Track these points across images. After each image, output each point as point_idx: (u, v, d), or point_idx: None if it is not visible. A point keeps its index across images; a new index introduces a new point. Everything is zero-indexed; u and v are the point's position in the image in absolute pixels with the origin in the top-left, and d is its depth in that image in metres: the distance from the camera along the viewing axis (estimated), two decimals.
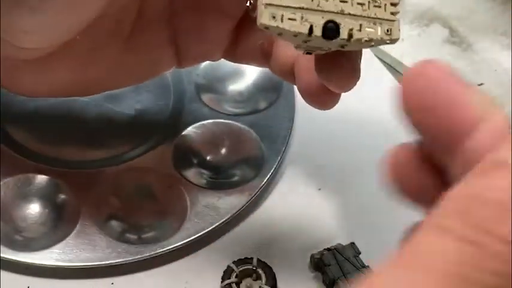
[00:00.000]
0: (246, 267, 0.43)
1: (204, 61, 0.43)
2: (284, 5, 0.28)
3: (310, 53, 0.31)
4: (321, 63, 0.33)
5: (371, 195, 0.50)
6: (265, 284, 0.43)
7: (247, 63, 0.43)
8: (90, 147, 0.50)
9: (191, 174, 0.48)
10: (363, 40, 0.29)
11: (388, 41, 0.30)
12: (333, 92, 0.36)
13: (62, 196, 0.46)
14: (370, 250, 0.45)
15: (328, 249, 0.45)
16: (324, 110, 0.38)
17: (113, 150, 0.50)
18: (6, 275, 0.43)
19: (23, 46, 0.34)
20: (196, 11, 0.38)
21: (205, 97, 0.52)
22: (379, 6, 0.30)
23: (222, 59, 0.43)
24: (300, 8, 0.28)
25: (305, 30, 0.28)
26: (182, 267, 0.45)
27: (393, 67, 0.61)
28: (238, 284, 0.43)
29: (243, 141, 0.50)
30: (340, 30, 0.29)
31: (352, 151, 0.52)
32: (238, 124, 0.51)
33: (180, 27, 0.39)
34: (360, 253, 0.45)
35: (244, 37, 0.40)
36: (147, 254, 0.44)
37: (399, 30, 0.30)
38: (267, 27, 0.28)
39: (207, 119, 0.51)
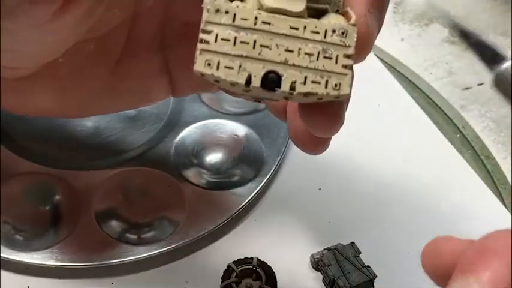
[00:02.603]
0: (246, 267, 0.43)
1: (201, 92, 0.41)
2: (222, 51, 0.26)
3: (259, 101, 0.29)
4: (303, 108, 0.31)
5: (371, 195, 0.50)
6: (265, 284, 0.43)
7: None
8: (90, 147, 0.50)
9: (191, 174, 0.48)
10: (307, 94, 0.27)
11: (335, 97, 0.27)
12: (321, 138, 0.34)
13: (62, 196, 0.46)
14: (370, 250, 0.45)
15: (328, 249, 0.45)
16: (314, 154, 0.36)
17: (112, 150, 0.50)
18: (6, 275, 0.43)
19: (2, 64, 0.34)
20: (188, 41, 0.37)
21: (206, 97, 0.52)
22: (330, 58, 0.27)
23: None
24: (239, 55, 0.26)
25: (242, 80, 0.26)
26: (182, 267, 0.45)
27: (393, 67, 0.61)
28: (238, 284, 0.43)
29: (243, 141, 0.50)
30: (282, 82, 0.26)
31: (352, 151, 0.52)
32: (238, 124, 0.51)
33: (173, 57, 0.38)
34: (360, 253, 0.45)
35: None
36: (147, 254, 0.44)
37: (350, 85, 0.27)
38: (202, 74, 0.26)
39: (207, 119, 0.51)
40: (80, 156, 0.49)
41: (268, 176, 0.48)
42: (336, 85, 0.27)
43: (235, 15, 0.26)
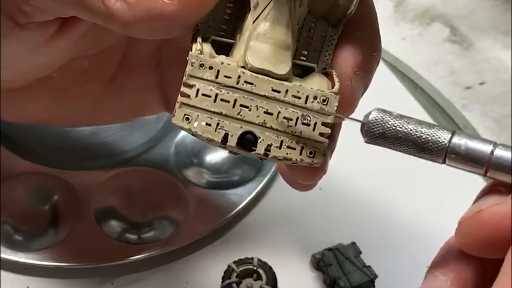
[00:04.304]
0: (246, 267, 0.43)
1: None
2: (202, 107, 0.26)
3: (236, 154, 0.29)
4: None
5: (372, 195, 0.50)
6: (266, 284, 0.43)
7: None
8: (90, 147, 0.50)
9: (191, 174, 0.48)
10: (281, 158, 0.27)
11: (309, 164, 0.27)
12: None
13: (62, 196, 0.46)
14: (371, 250, 0.45)
15: (329, 249, 0.45)
16: (303, 191, 0.36)
17: (112, 150, 0.50)
18: (6, 275, 0.43)
19: None
20: (183, 62, 0.37)
21: None
22: (308, 125, 0.27)
23: None
24: (218, 113, 0.26)
25: (218, 138, 0.26)
26: (182, 267, 0.45)
27: (394, 66, 0.61)
28: (238, 284, 0.43)
29: None
30: (258, 145, 0.26)
31: (353, 151, 0.51)
32: None
33: (168, 77, 0.38)
34: (360, 253, 0.45)
35: None
36: (147, 254, 0.44)
37: (324, 154, 0.27)
38: (179, 127, 0.26)
39: None
40: (80, 156, 0.49)
41: (268, 176, 0.48)
42: (310, 152, 0.27)
43: (218, 71, 0.26)
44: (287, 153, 0.27)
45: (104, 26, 0.28)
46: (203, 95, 0.26)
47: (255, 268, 0.43)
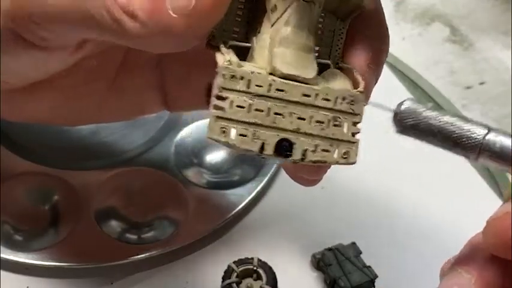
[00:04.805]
0: (246, 267, 0.43)
1: (194, 110, 0.42)
2: (236, 119, 0.26)
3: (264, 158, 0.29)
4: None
5: (373, 196, 0.50)
6: (266, 284, 0.43)
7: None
8: (90, 147, 0.50)
9: (191, 174, 0.48)
10: (316, 161, 0.27)
11: (343, 164, 0.28)
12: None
13: (62, 196, 0.46)
14: (371, 250, 0.45)
15: (329, 249, 0.45)
16: (309, 186, 0.37)
17: (112, 149, 0.49)
18: (6, 275, 0.43)
19: None
20: (185, 61, 0.38)
21: None
22: (340, 126, 0.27)
23: None
24: (253, 123, 0.26)
25: (256, 148, 0.26)
26: (182, 267, 0.45)
27: (394, 66, 0.61)
28: (238, 284, 0.43)
29: None
30: (294, 151, 0.27)
31: None
32: None
33: (168, 76, 0.39)
34: (361, 253, 0.45)
35: None
36: (147, 254, 0.43)
37: (356, 154, 0.28)
38: (216, 141, 0.26)
39: (207, 119, 0.51)
40: (80, 156, 0.49)
41: (269, 175, 0.48)
42: (344, 153, 0.28)
43: (249, 81, 0.26)
44: (322, 156, 0.27)
45: (120, 43, 0.29)
46: (237, 106, 0.26)
47: (255, 268, 0.43)
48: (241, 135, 0.26)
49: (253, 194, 0.47)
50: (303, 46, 0.27)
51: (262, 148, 0.27)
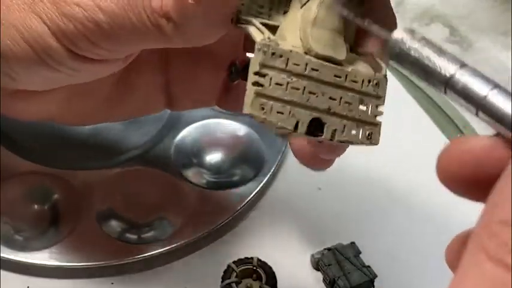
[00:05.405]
0: (246, 267, 0.43)
1: (196, 108, 0.43)
2: (275, 96, 0.27)
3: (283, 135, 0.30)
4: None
5: (371, 195, 0.50)
6: (265, 284, 0.43)
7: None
8: (90, 147, 0.50)
9: (191, 174, 0.48)
10: (343, 141, 0.28)
11: (368, 145, 0.29)
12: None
13: (62, 196, 0.46)
14: (371, 250, 0.45)
15: (329, 249, 0.45)
16: (318, 170, 0.37)
17: (112, 149, 0.50)
18: (6, 275, 0.43)
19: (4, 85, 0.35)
20: (189, 60, 0.38)
21: None
22: (366, 108, 0.28)
23: None
24: (289, 101, 0.27)
25: (291, 126, 0.27)
26: (182, 267, 0.45)
27: (393, 66, 0.61)
28: (238, 283, 0.43)
29: (243, 141, 0.50)
30: (325, 130, 0.28)
31: (352, 151, 0.52)
32: (239, 124, 0.50)
33: (173, 75, 0.39)
34: (360, 253, 0.45)
35: (235, 87, 0.39)
36: (147, 254, 0.44)
37: (380, 135, 0.29)
38: (252, 116, 0.27)
39: (207, 119, 0.51)
40: (80, 156, 0.49)
41: (268, 175, 0.48)
42: (369, 135, 0.29)
43: (288, 59, 0.27)
44: (350, 137, 0.28)
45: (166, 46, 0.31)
46: (276, 83, 0.27)
47: (254, 268, 0.43)
48: (278, 112, 0.27)
49: (253, 194, 0.47)
50: (337, 28, 0.28)
51: (296, 127, 0.27)
